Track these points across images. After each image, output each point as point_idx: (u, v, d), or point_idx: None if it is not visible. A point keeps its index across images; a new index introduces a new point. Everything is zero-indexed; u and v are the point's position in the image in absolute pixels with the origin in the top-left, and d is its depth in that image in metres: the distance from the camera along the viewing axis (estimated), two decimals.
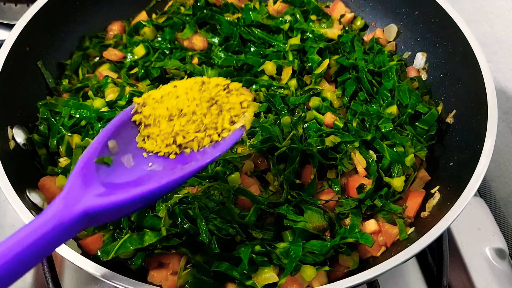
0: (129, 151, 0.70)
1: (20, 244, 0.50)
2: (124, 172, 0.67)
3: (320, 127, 1.05)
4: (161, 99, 0.73)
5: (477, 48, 1.02)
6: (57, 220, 0.54)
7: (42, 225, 0.52)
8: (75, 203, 0.57)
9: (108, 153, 0.67)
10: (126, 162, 0.68)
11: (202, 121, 0.71)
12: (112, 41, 1.25)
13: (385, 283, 1.08)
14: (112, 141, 0.69)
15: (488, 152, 0.89)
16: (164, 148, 0.71)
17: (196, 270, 0.85)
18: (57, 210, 0.55)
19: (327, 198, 0.97)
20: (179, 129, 0.70)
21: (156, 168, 0.69)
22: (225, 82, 0.76)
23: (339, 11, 1.33)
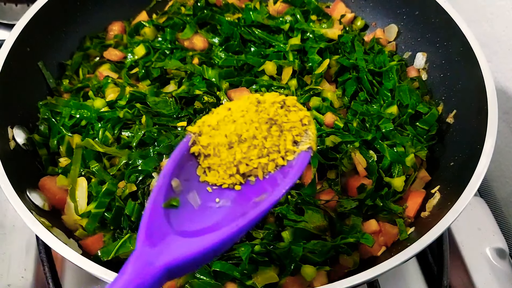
0: (193, 188, 0.64)
1: None
2: (194, 215, 0.61)
3: (320, 127, 1.05)
4: (217, 125, 0.67)
5: (477, 48, 1.02)
6: (139, 282, 0.50)
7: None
8: (154, 260, 0.51)
9: (174, 194, 0.61)
10: (192, 201, 0.62)
11: (264, 145, 0.65)
12: (113, 41, 1.25)
13: (385, 283, 1.08)
14: (175, 180, 0.62)
15: (488, 152, 0.89)
16: (228, 179, 0.65)
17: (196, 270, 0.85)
18: (136, 271, 0.50)
19: (328, 198, 0.97)
20: (241, 156, 0.64)
21: (224, 203, 0.64)
22: (281, 98, 0.70)
23: (340, 11, 1.33)
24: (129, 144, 0.99)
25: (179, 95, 1.06)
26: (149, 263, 0.51)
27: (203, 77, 1.11)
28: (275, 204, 0.62)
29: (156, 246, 0.53)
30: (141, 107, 1.04)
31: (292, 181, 0.64)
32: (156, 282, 0.51)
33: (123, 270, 0.51)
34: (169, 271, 0.52)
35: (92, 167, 0.97)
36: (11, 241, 1.12)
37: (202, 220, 0.60)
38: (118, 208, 0.90)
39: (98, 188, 0.94)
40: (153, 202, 0.58)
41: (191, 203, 0.62)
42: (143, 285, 0.49)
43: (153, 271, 0.50)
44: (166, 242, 0.54)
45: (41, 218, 0.84)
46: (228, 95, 1.08)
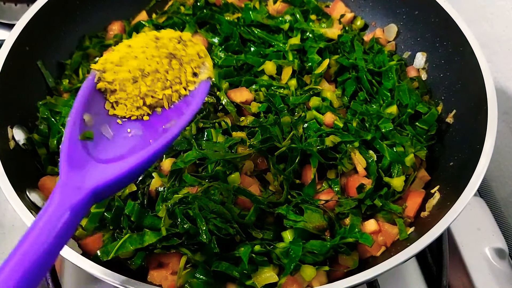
0: (104, 121, 0.69)
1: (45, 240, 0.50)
2: (109, 145, 0.66)
3: (320, 127, 1.05)
4: (120, 61, 0.71)
5: (477, 48, 1.02)
6: (69, 207, 0.53)
7: (58, 217, 0.52)
8: (80, 185, 0.56)
9: (87, 128, 0.66)
10: (106, 133, 0.67)
11: (166, 77, 0.71)
12: (112, 41, 1.25)
13: (385, 283, 1.08)
14: (86, 114, 0.67)
15: (488, 152, 0.89)
16: (136, 111, 0.71)
17: (196, 270, 0.85)
18: (64, 197, 0.54)
19: (327, 198, 0.97)
20: (146, 89, 0.70)
21: (136, 133, 0.69)
22: (178, 34, 0.75)
23: (339, 11, 1.33)
24: None
25: None
26: (76, 187, 0.56)
27: None
28: (183, 129, 0.69)
29: (79, 174, 0.58)
30: None
31: (196, 108, 0.71)
32: (84, 204, 0.55)
33: (51, 197, 0.54)
34: (95, 194, 0.57)
35: None
36: (10, 240, 1.12)
37: (118, 149, 0.66)
38: (118, 208, 0.90)
39: None
40: (69, 135, 0.62)
41: (105, 135, 0.67)
42: (74, 206, 0.53)
43: (80, 195, 0.55)
44: (88, 169, 0.59)
45: None
46: (228, 95, 1.08)
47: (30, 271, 0.47)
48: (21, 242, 0.49)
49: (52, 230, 0.50)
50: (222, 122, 1.04)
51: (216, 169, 0.95)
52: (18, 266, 0.47)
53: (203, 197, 0.90)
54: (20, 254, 0.48)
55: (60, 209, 0.53)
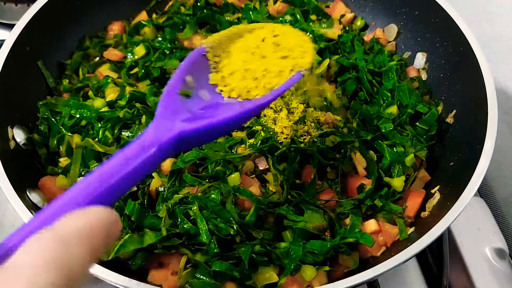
0: (204, 87, 0.73)
1: (130, 164, 0.53)
2: (204, 105, 0.71)
3: (320, 127, 1.05)
4: (230, 39, 0.78)
5: (477, 48, 1.02)
6: (157, 144, 0.57)
7: (146, 148, 0.56)
8: (171, 127, 0.61)
9: (187, 87, 0.71)
10: (203, 96, 0.72)
11: (270, 64, 0.75)
12: (113, 41, 1.25)
13: (385, 283, 1.08)
14: (189, 76, 0.72)
15: (488, 152, 0.89)
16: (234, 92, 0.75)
17: (196, 270, 0.85)
18: (156, 134, 0.59)
19: (327, 198, 0.97)
20: (253, 85, 0.73)
21: (231, 100, 0.73)
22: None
23: (339, 11, 1.33)
24: None
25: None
26: (167, 128, 0.60)
27: None
28: (270, 102, 0.73)
29: (171, 118, 0.63)
30: (141, 107, 1.04)
31: (284, 89, 0.73)
32: (170, 145, 0.59)
33: (145, 132, 0.59)
34: (180, 140, 0.61)
35: (92, 167, 0.97)
36: None
37: (211, 109, 0.71)
38: (118, 208, 0.90)
39: None
40: (170, 87, 0.69)
41: (202, 97, 0.72)
42: (162, 144, 0.58)
43: (169, 135, 0.59)
44: (180, 117, 0.64)
45: None
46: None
47: (108, 188, 0.50)
48: (105, 164, 0.52)
49: (135, 158, 0.54)
50: None
51: (216, 169, 0.95)
52: (97, 182, 0.49)
53: (203, 197, 0.90)
54: (104, 171, 0.50)
55: (149, 143, 0.57)
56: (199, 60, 0.76)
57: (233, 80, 0.74)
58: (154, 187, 0.94)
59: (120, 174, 0.51)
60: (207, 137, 0.69)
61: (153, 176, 0.95)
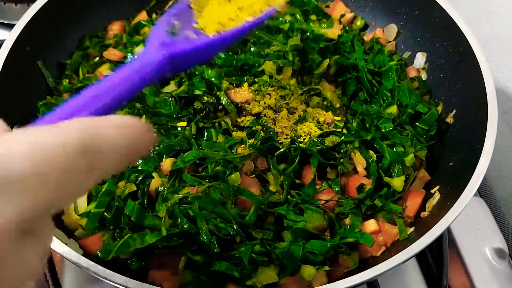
0: (189, 29, 0.83)
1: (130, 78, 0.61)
2: (187, 38, 0.80)
3: (321, 126, 1.05)
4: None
5: (477, 48, 1.02)
6: (154, 61, 0.66)
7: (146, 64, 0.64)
8: (162, 48, 0.69)
9: (174, 28, 0.80)
10: (190, 35, 0.81)
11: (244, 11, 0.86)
12: (112, 41, 1.25)
13: (385, 283, 1.08)
14: (176, 21, 0.81)
15: (488, 152, 0.89)
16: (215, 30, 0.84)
17: (196, 270, 0.85)
18: (150, 52, 0.69)
19: (327, 198, 0.97)
20: (230, 24, 0.83)
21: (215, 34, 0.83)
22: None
23: (339, 11, 1.33)
24: None
25: (179, 95, 1.06)
26: (157, 51, 0.68)
27: (203, 77, 1.11)
28: (245, 30, 0.83)
29: (161, 46, 0.71)
30: (140, 107, 1.04)
31: (258, 22, 0.85)
32: (164, 64, 0.68)
33: (139, 55, 0.68)
34: (172, 59, 0.69)
35: None
36: None
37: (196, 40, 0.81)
38: (118, 208, 0.90)
39: (98, 188, 0.94)
40: (159, 23, 0.80)
41: (189, 36, 0.81)
42: (157, 63, 0.67)
43: (163, 55, 0.68)
44: (169, 44, 0.72)
45: None
46: (228, 95, 1.08)
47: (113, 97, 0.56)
48: (109, 77, 0.58)
49: (137, 73, 0.62)
50: (222, 122, 1.04)
51: (216, 169, 0.95)
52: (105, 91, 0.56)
53: (203, 197, 0.90)
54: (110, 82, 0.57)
55: (147, 59, 0.66)
56: (185, 8, 0.87)
57: (212, 22, 0.84)
58: (154, 187, 0.94)
59: (122, 86, 0.58)
60: (195, 58, 0.77)
61: (153, 176, 0.95)
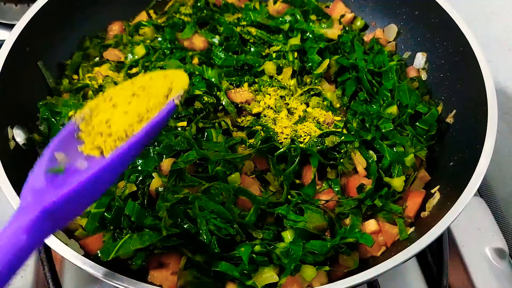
0: (80, 157, 0.71)
1: None
2: (75, 172, 0.68)
3: (321, 126, 1.05)
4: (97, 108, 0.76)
5: (477, 48, 1.02)
6: (25, 229, 0.55)
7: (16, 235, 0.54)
8: (33, 207, 0.58)
9: (58, 164, 0.68)
10: (81, 166, 0.69)
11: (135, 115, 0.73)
12: (112, 41, 1.25)
13: (385, 283, 1.08)
14: (60, 153, 0.69)
15: (488, 152, 0.89)
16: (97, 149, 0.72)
17: (196, 270, 0.85)
18: (18, 221, 0.56)
19: (327, 198, 0.97)
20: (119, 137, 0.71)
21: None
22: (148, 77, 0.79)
23: (339, 11, 1.33)
24: None
25: None
26: (28, 210, 0.58)
27: (203, 77, 1.11)
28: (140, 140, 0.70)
29: (35, 199, 0.60)
30: None
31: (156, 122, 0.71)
32: (38, 223, 0.57)
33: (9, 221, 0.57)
34: (51, 215, 0.58)
35: None
36: None
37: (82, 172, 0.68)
38: (118, 208, 0.90)
39: None
40: (36, 165, 0.66)
41: (79, 167, 0.68)
42: (30, 227, 0.56)
43: (31, 216, 0.57)
44: (46, 194, 0.61)
45: None
46: (228, 95, 1.08)
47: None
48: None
49: (7, 249, 0.53)
50: (222, 122, 1.04)
51: (216, 169, 0.95)
52: None
53: (203, 197, 0.90)
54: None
55: (16, 231, 0.55)
56: (70, 135, 0.74)
57: (99, 139, 0.72)
58: (154, 187, 0.94)
59: None
60: (90, 193, 0.66)
61: (153, 176, 0.95)
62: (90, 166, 0.68)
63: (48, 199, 0.59)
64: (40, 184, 0.62)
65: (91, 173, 0.64)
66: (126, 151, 0.68)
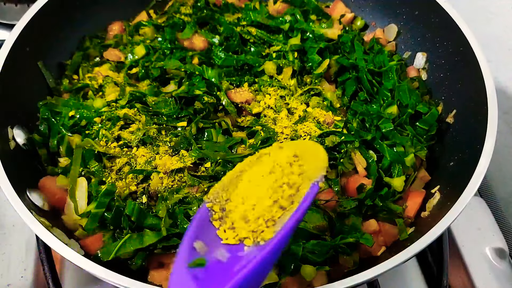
0: (220, 246, 0.64)
1: None
2: (220, 265, 0.61)
3: (321, 126, 1.05)
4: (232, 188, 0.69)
5: (477, 48, 1.02)
6: None
7: None
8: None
9: (199, 255, 0.62)
10: (221, 257, 0.62)
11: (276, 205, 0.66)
12: (112, 41, 1.25)
13: (385, 283, 1.08)
14: (198, 242, 0.63)
15: (488, 152, 0.89)
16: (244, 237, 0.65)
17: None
18: None
19: (327, 198, 0.97)
20: (255, 227, 0.64)
21: (251, 249, 0.63)
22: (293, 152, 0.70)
23: (339, 11, 1.33)
24: (129, 144, 1.00)
25: (179, 95, 1.06)
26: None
27: (203, 77, 1.11)
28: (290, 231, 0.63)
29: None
30: (140, 107, 1.04)
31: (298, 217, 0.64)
32: None
33: None
34: None
35: (91, 167, 0.97)
36: (11, 241, 1.12)
37: (233, 264, 0.61)
38: (118, 208, 0.90)
39: (98, 188, 0.94)
40: (177, 262, 0.60)
41: (220, 259, 0.62)
42: None
43: None
44: None
45: (41, 218, 0.84)
46: (228, 95, 1.08)
47: None
48: None
49: None
50: (222, 122, 1.04)
51: (216, 169, 0.95)
52: None
53: (203, 197, 0.90)
54: None
55: None
56: (206, 219, 0.67)
57: (241, 225, 0.65)
58: (154, 187, 0.94)
59: None
60: None
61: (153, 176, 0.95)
62: (235, 255, 0.61)
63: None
64: (183, 280, 0.57)
65: (255, 262, 0.57)
66: (284, 238, 0.61)
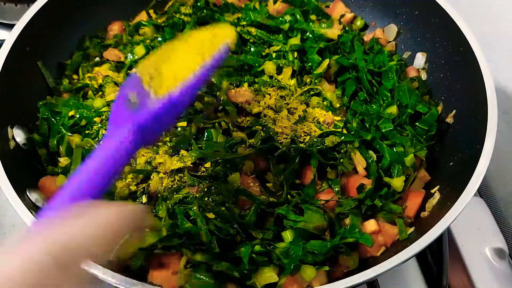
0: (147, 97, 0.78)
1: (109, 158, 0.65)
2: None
3: (321, 126, 1.05)
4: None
5: (477, 48, 1.02)
6: (120, 142, 0.67)
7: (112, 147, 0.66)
8: (125, 123, 0.69)
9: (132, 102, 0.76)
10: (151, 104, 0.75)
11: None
12: (112, 41, 1.25)
13: (385, 283, 1.08)
14: (132, 92, 0.76)
15: (488, 152, 0.89)
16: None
17: (196, 270, 0.85)
18: (117, 131, 0.68)
19: (327, 198, 0.97)
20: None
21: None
22: None
23: (339, 11, 1.33)
24: None
25: None
26: (122, 126, 0.69)
27: None
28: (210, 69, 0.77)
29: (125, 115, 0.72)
30: None
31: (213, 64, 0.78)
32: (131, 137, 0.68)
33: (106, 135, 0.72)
34: (141, 131, 0.69)
35: None
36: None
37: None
38: None
39: None
40: (115, 101, 0.77)
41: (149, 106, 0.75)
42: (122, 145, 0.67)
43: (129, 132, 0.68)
44: (132, 112, 0.72)
45: None
46: (228, 95, 1.08)
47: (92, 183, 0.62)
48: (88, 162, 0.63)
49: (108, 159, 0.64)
50: (222, 122, 1.04)
51: (216, 169, 0.95)
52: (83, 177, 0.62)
53: (203, 197, 0.90)
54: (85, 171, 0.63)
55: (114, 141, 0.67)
56: (137, 81, 0.79)
57: (167, 79, 0.78)
58: (154, 187, 0.94)
59: (97, 176, 0.62)
60: (162, 121, 0.75)
61: (153, 176, 0.95)
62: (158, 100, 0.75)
63: (136, 118, 0.70)
64: (125, 109, 0.73)
65: (164, 101, 0.72)
66: (194, 84, 0.76)
